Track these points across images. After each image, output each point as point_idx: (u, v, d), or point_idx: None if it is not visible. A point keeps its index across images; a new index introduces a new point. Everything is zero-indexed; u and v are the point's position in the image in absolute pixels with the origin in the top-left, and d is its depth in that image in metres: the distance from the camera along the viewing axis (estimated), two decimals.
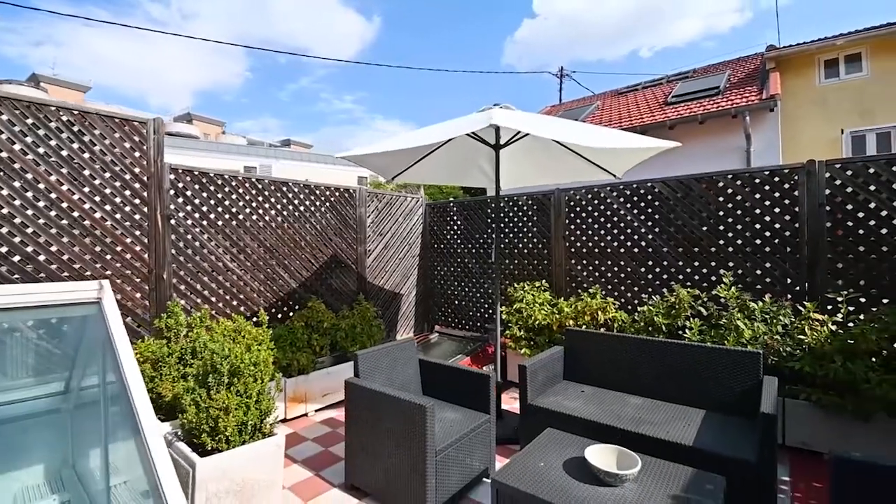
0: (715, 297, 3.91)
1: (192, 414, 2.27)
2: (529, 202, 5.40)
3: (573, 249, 5.01)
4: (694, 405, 2.99)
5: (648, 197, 4.48)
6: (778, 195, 3.79)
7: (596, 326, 4.42)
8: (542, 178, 4.68)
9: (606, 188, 4.74)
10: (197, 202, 3.96)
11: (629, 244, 4.61)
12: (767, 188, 3.84)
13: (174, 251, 3.80)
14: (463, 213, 6.14)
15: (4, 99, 2.94)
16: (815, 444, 3.16)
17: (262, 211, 4.48)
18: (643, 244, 4.51)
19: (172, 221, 3.78)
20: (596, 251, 4.83)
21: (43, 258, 3.09)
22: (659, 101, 11.40)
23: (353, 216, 5.46)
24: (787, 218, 3.76)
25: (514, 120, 2.77)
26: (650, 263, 4.47)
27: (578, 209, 4.97)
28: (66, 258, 3.19)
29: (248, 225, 4.36)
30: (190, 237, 3.92)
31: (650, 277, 4.46)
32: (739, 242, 3.97)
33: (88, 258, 3.30)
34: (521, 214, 5.48)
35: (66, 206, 3.20)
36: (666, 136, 8.99)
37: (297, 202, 4.82)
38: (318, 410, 4.22)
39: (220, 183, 4.13)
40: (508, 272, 5.57)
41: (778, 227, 3.79)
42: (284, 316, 4.67)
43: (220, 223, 4.13)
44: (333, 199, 5.23)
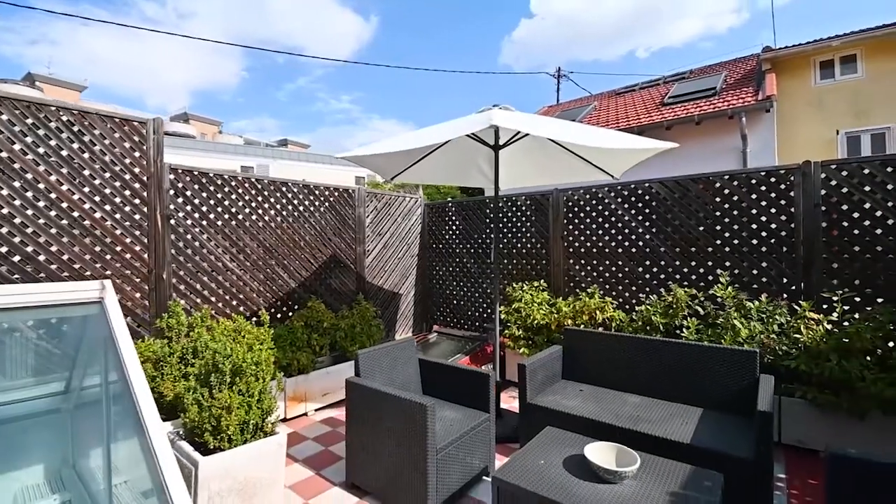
0: (712, 296, 3.94)
1: (194, 413, 2.28)
2: (528, 202, 5.42)
3: (571, 249, 5.04)
4: (691, 403, 3.02)
5: (646, 197, 4.51)
6: (774, 196, 3.83)
7: (594, 326, 4.45)
8: (540, 178, 4.71)
9: (604, 188, 4.77)
10: (196, 202, 3.96)
11: (627, 244, 4.64)
12: (764, 189, 3.88)
13: (174, 251, 3.80)
14: (461, 213, 6.16)
15: (4, 99, 2.94)
16: (810, 441, 3.19)
17: (261, 211, 4.49)
18: (641, 244, 4.54)
19: (172, 221, 3.79)
20: (594, 251, 4.86)
21: (43, 258, 3.09)
22: (656, 101, 11.45)
23: (352, 216, 5.48)
24: (783, 218, 3.79)
25: (513, 120, 2.78)
26: (648, 263, 4.50)
27: (577, 209, 5.00)
28: (66, 258, 3.19)
29: (247, 225, 4.37)
30: (190, 237, 3.93)
31: (648, 277, 4.50)
32: (736, 242, 4.01)
33: (88, 258, 3.30)
34: (519, 214, 5.51)
35: (65, 206, 3.20)
36: (663, 136, 9.04)
37: (296, 202, 4.82)
38: (317, 410, 4.23)
39: (219, 183, 4.14)
40: (507, 272, 5.59)
41: (774, 227, 3.83)
42: (284, 316, 4.68)
43: (219, 223, 4.14)
44: (332, 199, 5.24)
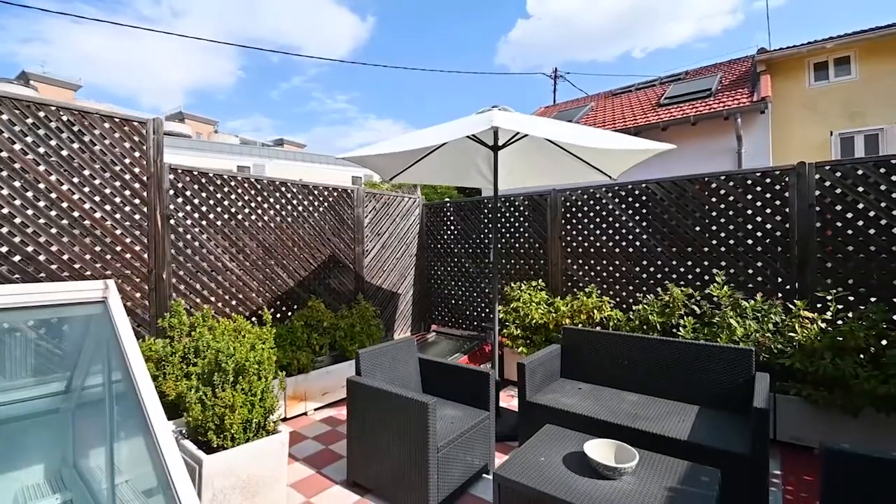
0: (708, 295, 3.99)
1: (197, 412, 2.29)
2: (526, 202, 5.46)
3: (569, 249, 5.08)
4: (688, 401, 3.06)
5: (643, 198, 4.55)
6: (769, 196, 3.88)
7: (592, 325, 4.49)
8: (538, 178, 4.74)
9: (602, 189, 4.81)
10: (196, 202, 3.97)
11: (624, 244, 4.68)
12: (759, 189, 3.93)
13: (174, 251, 3.81)
14: (459, 213, 6.19)
15: (5, 98, 2.94)
16: (805, 438, 3.24)
17: (260, 211, 4.50)
18: (638, 244, 4.59)
19: (172, 221, 3.79)
20: (592, 251, 4.90)
21: (43, 258, 3.10)
22: (652, 102, 11.52)
23: (350, 216, 5.49)
24: (777, 218, 3.84)
25: (512, 122, 2.81)
26: (645, 263, 4.54)
27: (574, 209, 5.04)
28: (66, 258, 3.19)
29: (246, 225, 4.38)
30: (189, 237, 3.93)
31: (645, 277, 4.54)
32: (732, 242, 4.06)
33: (88, 258, 3.30)
34: (517, 215, 5.54)
35: (66, 205, 3.20)
36: (659, 137, 9.10)
37: (295, 202, 4.84)
38: (317, 409, 4.25)
39: (219, 183, 4.15)
40: (505, 272, 5.62)
41: (769, 227, 3.88)
42: (283, 315, 4.69)
43: (219, 223, 4.14)
44: (331, 199, 5.26)
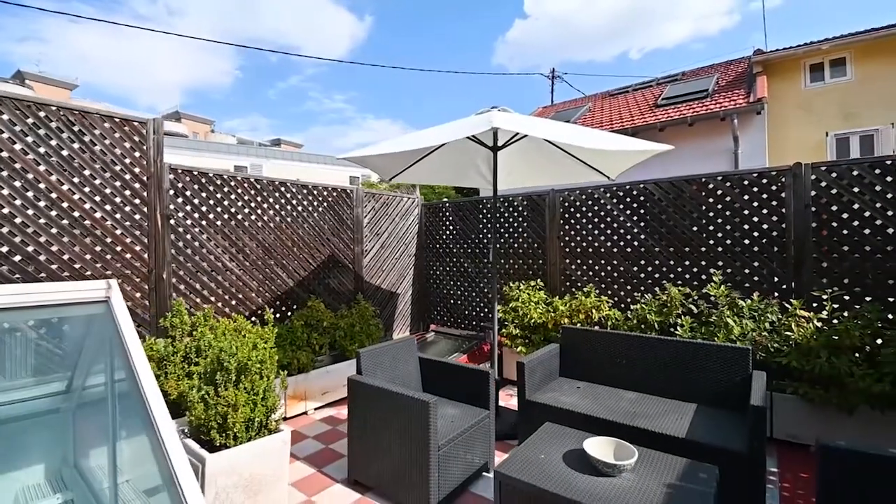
0: (705, 295, 4.02)
1: (200, 410, 2.31)
2: (525, 203, 5.48)
3: (567, 249, 5.11)
4: (686, 399, 3.09)
5: (641, 198, 4.58)
6: (766, 196, 3.92)
7: (590, 324, 4.52)
8: (536, 179, 4.76)
9: (600, 189, 4.84)
10: (196, 202, 3.98)
11: (622, 244, 4.71)
12: (755, 190, 3.97)
13: (174, 251, 3.81)
14: (458, 213, 6.21)
15: (5, 98, 2.95)
16: (801, 436, 3.28)
17: (260, 211, 4.51)
18: (636, 244, 4.62)
19: (172, 221, 3.80)
20: (590, 251, 4.93)
21: (44, 258, 3.10)
22: (649, 103, 11.57)
23: (350, 216, 5.50)
24: (774, 219, 3.88)
25: (512, 122, 2.83)
26: (643, 263, 4.57)
27: (573, 210, 5.07)
28: (66, 258, 3.20)
29: (246, 225, 4.38)
30: (189, 237, 3.94)
31: (643, 276, 4.57)
32: (729, 242, 4.09)
33: (89, 258, 3.30)
34: (516, 215, 5.56)
35: (66, 205, 3.20)
36: (656, 137, 9.15)
37: (294, 202, 4.85)
38: (317, 409, 4.26)
39: (219, 183, 4.15)
40: (504, 272, 5.65)
41: (765, 227, 3.92)
42: (283, 315, 4.70)
43: (218, 223, 4.15)
44: (331, 199, 5.27)
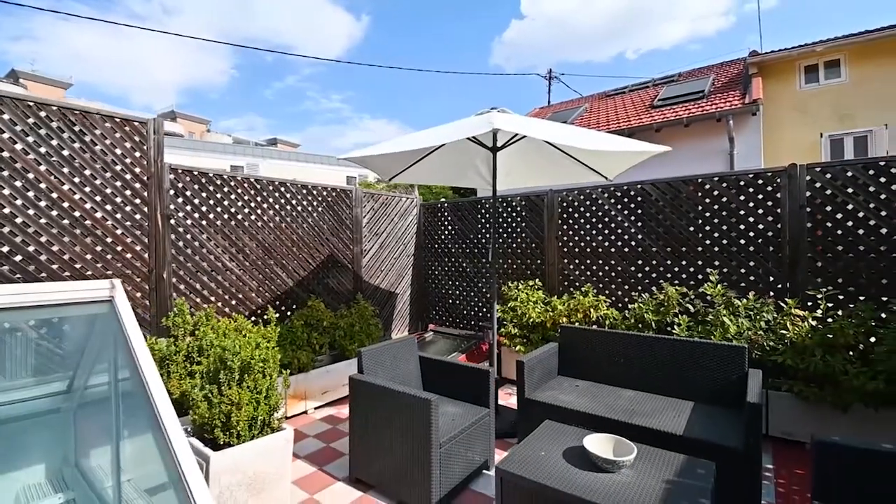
0: (702, 294, 4.07)
1: (203, 409, 2.32)
2: (523, 203, 5.52)
3: (566, 249, 5.14)
4: (683, 397, 3.13)
5: (638, 198, 4.62)
6: (761, 197, 3.97)
7: (588, 324, 4.56)
8: (535, 179, 4.80)
9: (598, 190, 4.88)
10: (196, 202, 3.99)
11: (620, 244, 4.75)
12: (751, 190, 4.01)
13: (174, 251, 3.82)
14: (456, 213, 6.24)
15: (6, 98, 2.95)
16: (796, 433, 3.33)
17: (260, 211, 4.52)
18: (633, 244, 4.66)
19: (172, 221, 3.81)
20: (588, 251, 4.97)
21: (44, 258, 3.10)
22: (645, 104, 11.63)
23: (349, 216, 5.52)
24: (769, 219, 3.93)
25: (512, 123, 2.86)
26: (640, 262, 4.61)
27: (571, 210, 5.10)
28: (67, 258, 3.20)
29: (246, 225, 4.39)
30: (189, 237, 3.95)
31: (640, 276, 4.61)
32: (725, 242, 4.14)
33: (89, 258, 3.31)
34: (514, 215, 5.60)
35: (67, 205, 3.21)
36: (652, 138, 9.20)
37: (294, 202, 4.86)
38: (317, 408, 4.28)
39: (219, 183, 4.16)
40: (503, 272, 5.68)
41: (761, 227, 3.96)
42: (283, 315, 4.71)
43: (219, 223, 4.16)
44: (330, 199, 5.28)
